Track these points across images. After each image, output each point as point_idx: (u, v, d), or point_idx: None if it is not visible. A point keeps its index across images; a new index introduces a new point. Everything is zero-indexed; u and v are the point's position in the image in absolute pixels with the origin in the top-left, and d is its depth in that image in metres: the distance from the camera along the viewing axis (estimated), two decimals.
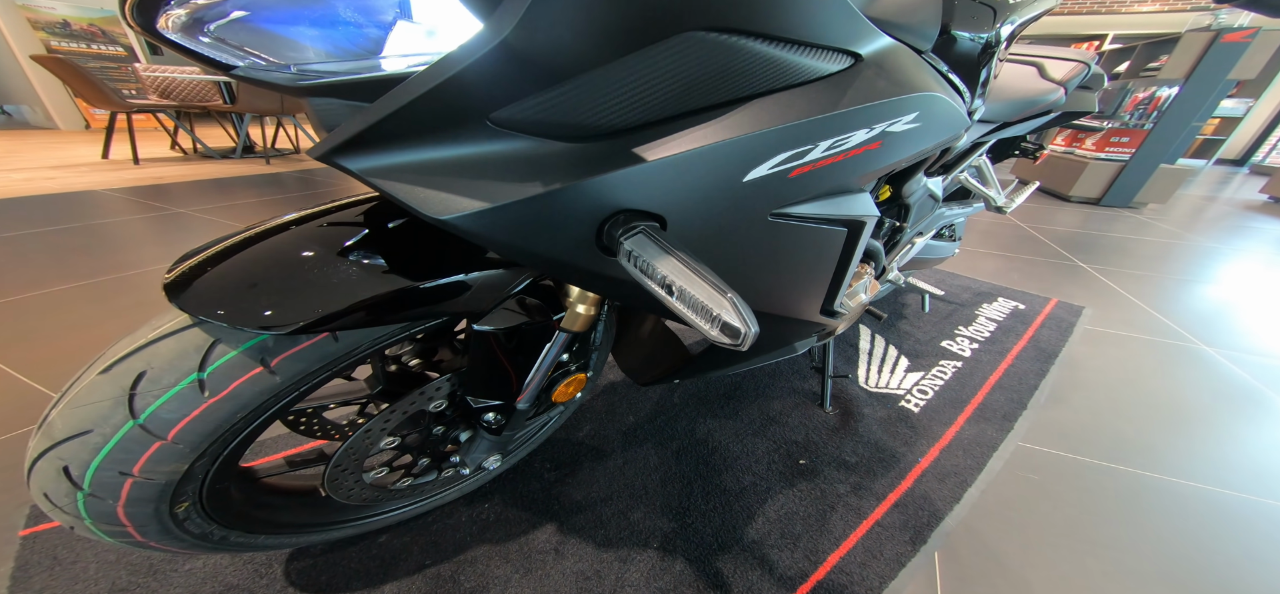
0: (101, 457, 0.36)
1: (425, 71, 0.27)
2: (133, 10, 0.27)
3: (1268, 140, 7.45)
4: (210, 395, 0.37)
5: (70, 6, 5.46)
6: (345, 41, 0.28)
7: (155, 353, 0.37)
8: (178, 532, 0.45)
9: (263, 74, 0.29)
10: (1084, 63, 1.11)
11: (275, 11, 0.27)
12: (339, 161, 0.30)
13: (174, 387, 0.36)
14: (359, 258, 0.39)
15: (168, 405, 0.36)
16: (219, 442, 0.40)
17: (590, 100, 0.30)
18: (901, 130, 0.41)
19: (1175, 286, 1.97)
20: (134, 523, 0.41)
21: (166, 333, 0.37)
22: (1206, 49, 2.99)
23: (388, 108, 0.28)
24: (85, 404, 0.36)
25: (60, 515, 0.39)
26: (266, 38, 0.28)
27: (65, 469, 0.36)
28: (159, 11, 0.27)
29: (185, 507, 0.44)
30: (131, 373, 0.36)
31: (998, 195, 1.12)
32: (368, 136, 0.29)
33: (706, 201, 0.36)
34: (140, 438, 0.36)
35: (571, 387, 0.63)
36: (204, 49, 0.28)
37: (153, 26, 0.27)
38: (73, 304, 1.36)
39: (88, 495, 0.37)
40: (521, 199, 0.31)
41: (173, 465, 0.39)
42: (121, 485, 0.38)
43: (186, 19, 0.27)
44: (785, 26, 0.33)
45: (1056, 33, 7.63)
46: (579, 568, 0.69)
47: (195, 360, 0.37)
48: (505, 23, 0.26)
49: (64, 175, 2.98)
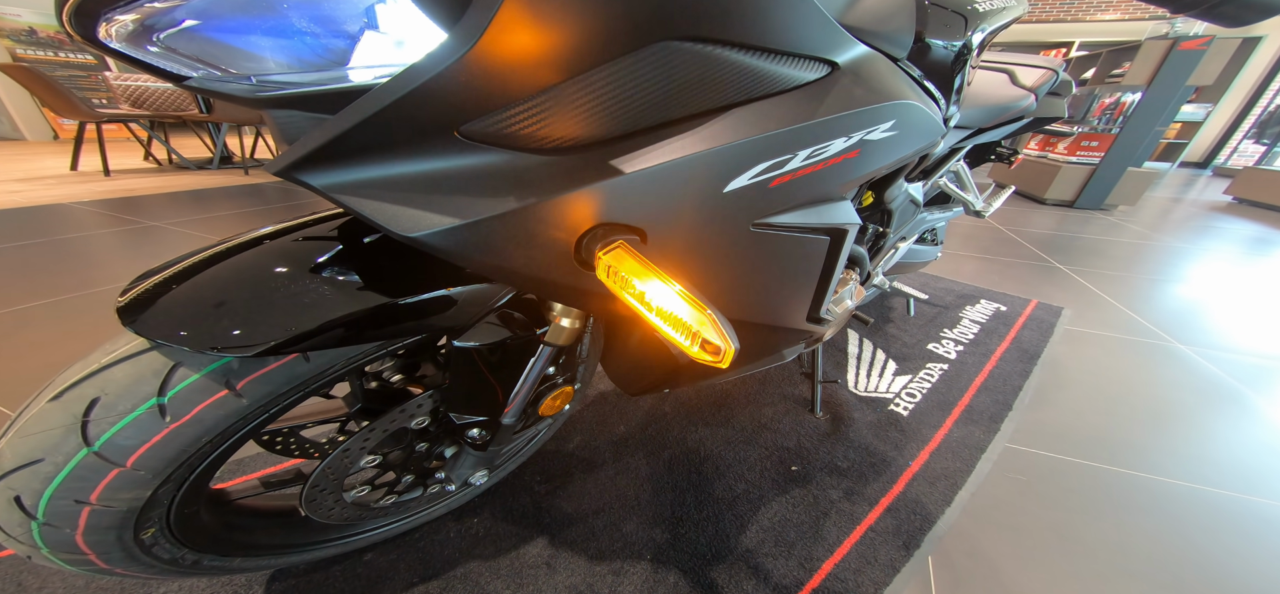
0: (54, 485, 0.34)
1: (388, 83, 0.26)
2: (70, 18, 0.24)
3: (1228, 143, 7.79)
4: (171, 421, 0.36)
5: (36, 13, 5.31)
6: (307, 52, 0.27)
7: (109, 378, 0.35)
8: (144, 558, 0.43)
9: (219, 85, 0.27)
10: (1053, 70, 1.15)
11: (231, 21, 0.25)
12: (300, 177, 0.29)
13: (130, 412, 0.34)
14: (332, 274, 0.38)
15: (124, 432, 0.34)
16: (184, 467, 0.38)
17: (564, 112, 0.30)
18: (879, 138, 0.41)
19: (1149, 286, 2.04)
20: (96, 551, 0.39)
21: (122, 357, 0.35)
22: (1165, 56, 3.13)
23: (349, 120, 0.27)
24: (34, 432, 0.34)
25: (15, 545, 0.37)
26: (222, 48, 0.26)
27: (16, 499, 0.34)
28: (100, 18, 0.25)
29: (151, 532, 0.42)
30: (84, 399, 0.34)
31: (976, 199, 1.15)
32: (330, 150, 0.28)
33: (687, 213, 0.35)
34: (96, 465, 0.35)
35: (558, 400, 0.62)
36: (153, 59, 0.26)
37: (93, 35, 0.25)
38: (38, 322, 1.30)
39: (42, 524, 0.35)
40: (495, 214, 0.31)
41: (134, 492, 0.37)
42: (78, 513, 0.36)
43: (133, 27, 0.25)
44: (762, 36, 0.33)
45: (1026, 40, 7.91)
46: (572, 581, 0.68)
47: (154, 385, 0.35)
48: (471, 33, 0.25)
49: (31, 188, 2.88)
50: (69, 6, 0.24)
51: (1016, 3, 0.66)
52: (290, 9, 0.26)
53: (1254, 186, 4.36)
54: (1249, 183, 4.41)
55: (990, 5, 0.59)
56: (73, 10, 0.24)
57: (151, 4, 0.25)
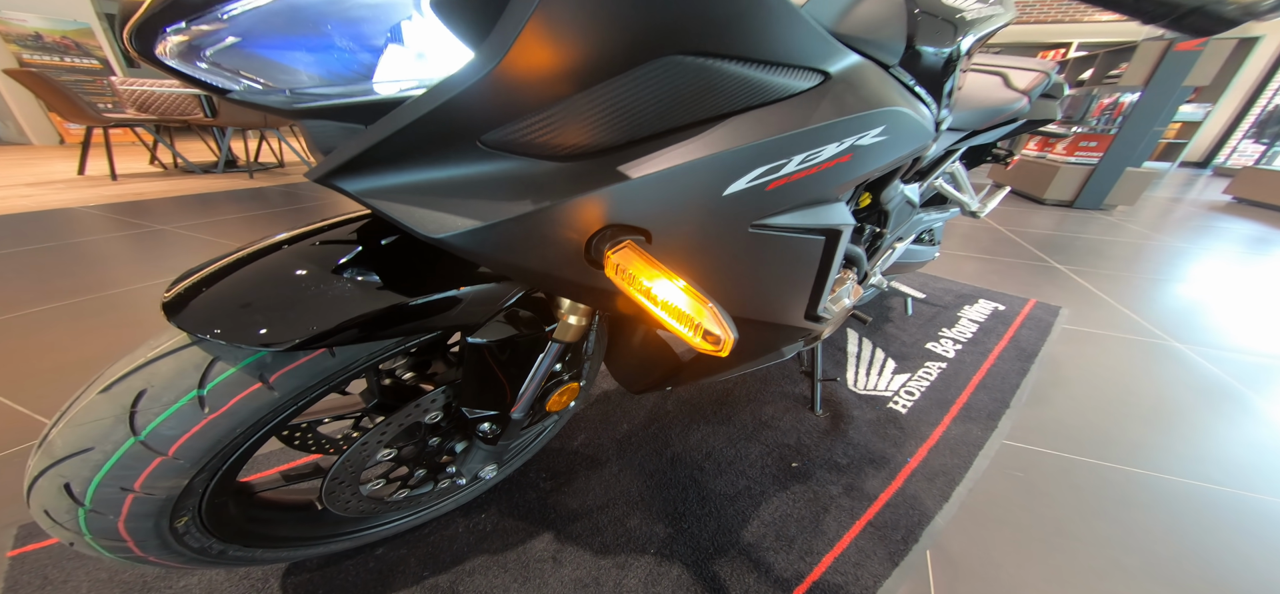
0: (103, 473, 0.37)
1: (420, 98, 0.29)
2: (132, 37, 0.27)
3: (1228, 143, 7.80)
4: (210, 411, 0.38)
5: (43, 19, 5.37)
6: (337, 66, 0.29)
7: (155, 371, 0.37)
8: (177, 546, 0.45)
9: (258, 97, 0.29)
10: (1045, 72, 1.17)
11: (270, 38, 0.28)
12: (337, 183, 0.31)
13: (174, 404, 0.37)
14: (353, 275, 0.40)
15: (168, 422, 0.37)
16: (218, 456, 0.41)
17: (576, 121, 0.32)
18: (870, 143, 0.43)
19: (1147, 286, 2.05)
20: (134, 537, 0.41)
21: (166, 352, 0.38)
22: (1161, 57, 3.14)
23: (383, 132, 0.29)
24: (86, 422, 0.36)
25: (60, 532, 0.39)
26: (261, 63, 0.28)
27: (66, 486, 0.37)
28: (157, 39, 0.28)
29: (185, 521, 0.45)
30: (132, 391, 0.37)
31: (971, 200, 1.17)
32: (364, 159, 0.30)
33: (689, 215, 0.38)
34: (141, 454, 0.37)
35: (565, 395, 0.64)
36: (201, 74, 0.28)
37: (151, 53, 0.28)
38: (53, 325, 1.33)
39: (89, 512, 0.38)
40: (513, 217, 0.33)
41: (173, 480, 0.39)
42: (122, 501, 0.38)
43: (184, 46, 0.28)
44: (758, 49, 0.35)
45: (1025, 41, 7.94)
46: (577, 575, 0.70)
47: (195, 378, 0.37)
48: (496, 52, 0.28)
49: (40, 192, 2.92)
50: (131, 26, 0.27)
51: (1004, 9, 0.68)
52: (329, 28, 0.28)
53: (1253, 186, 4.37)
54: (1248, 182, 4.42)
55: (978, 13, 0.62)
56: (134, 30, 0.27)
57: (201, 26, 0.28)
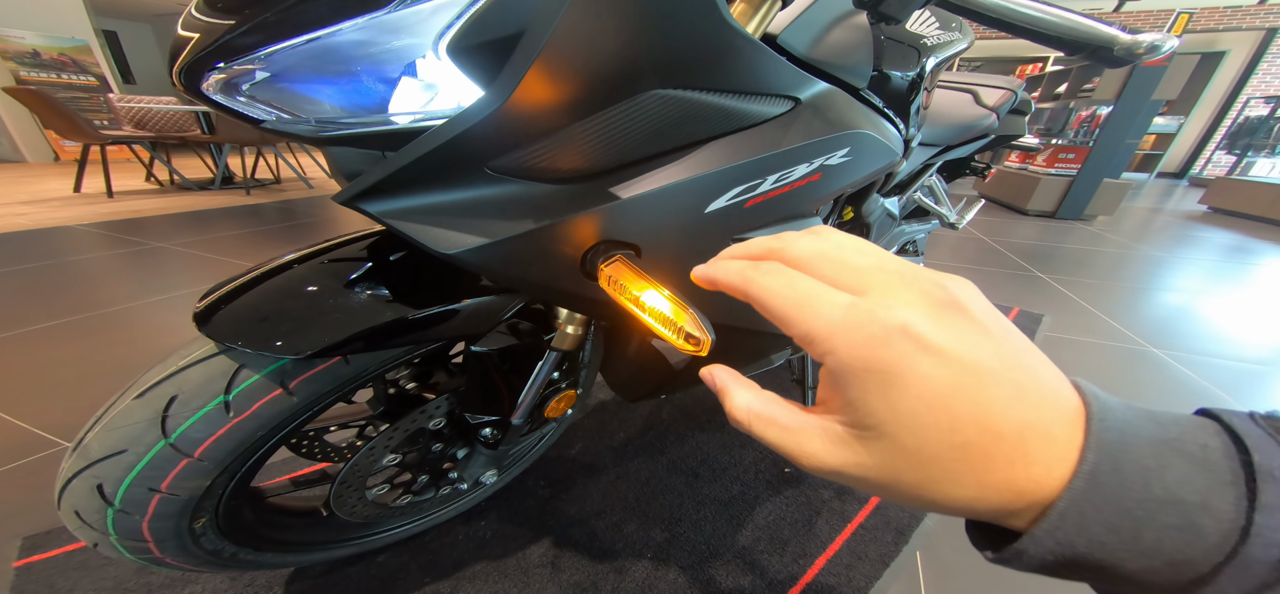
0: (134, 474, 0.39)
1: (436, 130, 0.33)
2: (180, 76, 0.32)
3: (1202, 154, 8.07)
4: (234, 416, 0.41)
5: (40, 36, 5.41)
6: (360, 99, 0.33)
7: (185, 378, 0.40)
8: (193, 547, 0.48)
9: (288, 126, 0.34)
10: (1011, 90, 1.24)
11: (299, 75, 0.32)
12: (362, 206, 0.35)
13: (202, 408, 0.40)
14: (366, 288, 0.44)
15: (196, 425, 0.40)
16: (239, 458, 0.44)
17: (573, 148, 0.36)
18: (837, 163, 0.48)
19: (1126, 294, 2.12)
20: (155, 538, 0.44)
21: (195, 360, 0.41)
22: (1130, 72, 3.28)
23: (403, 160, 0.34)
24: (121, 426, 0.39)
25: (88, 534, 0.41)
26: (292, 96, 0.33)
27: (99, 487, 0.39)
28: (204, 77, 0.32)
29: (203, 522, 0.47)
30: (164, 397, 0.40)
31: (949, 212, 1.23)
32: (385, 184, 0.35)
33: (674, 231, 0.42)
34: (170, 456, 0.40)
35: (562, 403, 0.67)
36: (240, 106, 0.33)
37: (198, 89, 0.32)
38: (53, 343, 1.34)
39: (117, 512, 0.40)
40: (517, 234, 0.37)
41: (196, 481, 0.42)
42: (149, 501, 0.41)
43: (225, 82, 0.32)
44: (733, 81, 0.40)
45: (1003, 56, 8.20)
46: (575, 580, 0.71)
47: (221, 384, 0.41)
48: (504, 90, 0.32)
49: (37, 210, 2.92)
50: (180, 64, 0.32)
51: (962, 36, 0.75)
52: (354, 66, 0.33)
53: (1226, 196, 4.53)
54: (1221, 192, 4.57)
55: (938, 39, 0.68)
56: (183, 69, 0.32)
57: (242, 65, 0.32)
